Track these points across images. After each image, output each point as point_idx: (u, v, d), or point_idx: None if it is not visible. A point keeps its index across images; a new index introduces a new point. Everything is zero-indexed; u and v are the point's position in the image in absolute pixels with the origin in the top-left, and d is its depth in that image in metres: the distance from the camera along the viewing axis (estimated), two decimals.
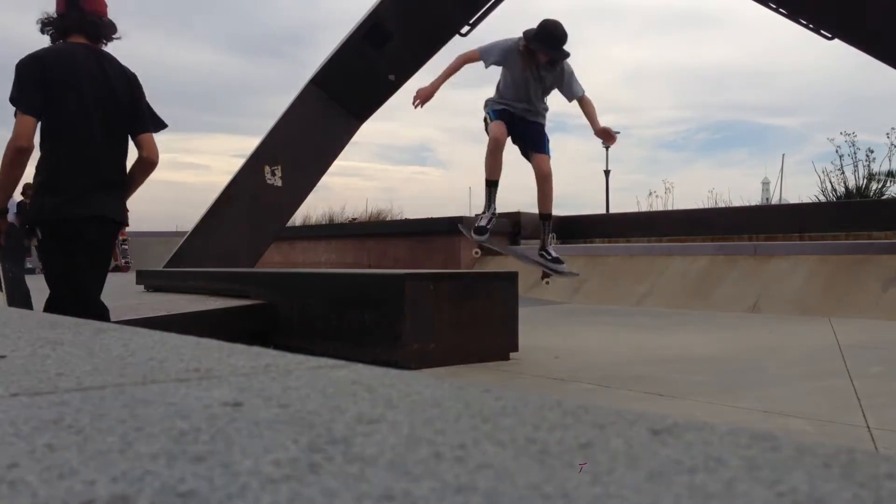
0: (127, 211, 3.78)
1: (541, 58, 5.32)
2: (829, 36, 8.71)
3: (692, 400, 3.52)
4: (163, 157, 3.75)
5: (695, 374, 4.27)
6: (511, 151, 5.59)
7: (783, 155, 31.22)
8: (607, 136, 5.88)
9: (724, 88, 62.35)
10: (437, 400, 0.93)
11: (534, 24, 5.27)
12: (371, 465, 0.67)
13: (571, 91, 5.45)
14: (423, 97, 5.51)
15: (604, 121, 5.45)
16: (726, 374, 4.31)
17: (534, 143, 5.58)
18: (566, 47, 5.35)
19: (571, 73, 5.46)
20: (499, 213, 14.85)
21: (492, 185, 5.79)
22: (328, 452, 0.71)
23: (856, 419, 3.07)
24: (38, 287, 3.91)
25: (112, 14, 3.69)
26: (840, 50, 8.76)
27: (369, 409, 0.89)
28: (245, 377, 1.11)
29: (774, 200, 21.26)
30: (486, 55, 5.50)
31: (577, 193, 45.91)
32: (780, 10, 8.70)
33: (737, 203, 16.96)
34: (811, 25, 8.79)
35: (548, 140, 5.67)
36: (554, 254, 6.01)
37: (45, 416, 0.88)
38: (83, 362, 1.24)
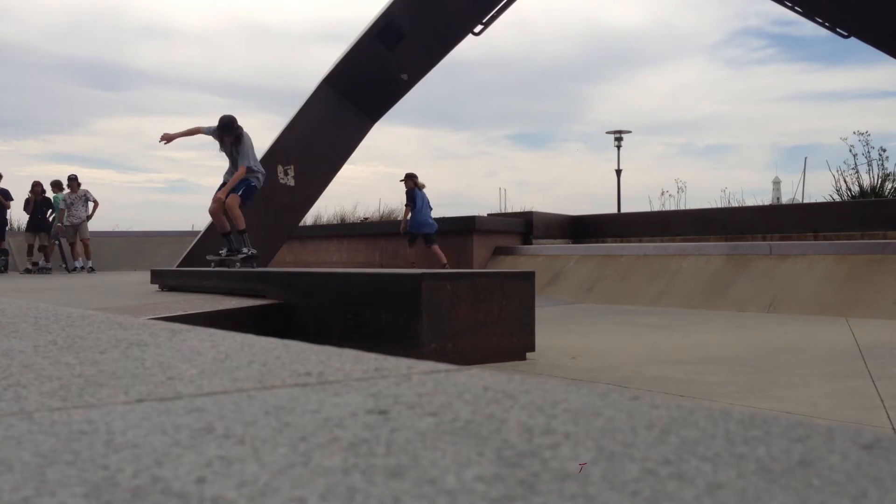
0: None
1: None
2: (846, 34, 8.66)
3: (714, 401, 3.50)
4: None
5: (714, 375, 4.24)
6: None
7: (805, 158, 31.07)
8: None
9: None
10: (593, 409, 0.89)
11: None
12: (588, 483, 0.63)
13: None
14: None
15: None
16: (745, 374, 4.27)
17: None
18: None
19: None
20: (512, 213, 14.77)
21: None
22: (527, 468, 0.68)
23: (880, 421, 3.04)
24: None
25: None
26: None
27: (528, 419, 0.85)
28: (365, 381, 1.08)
29: (796, 202, 21.10)
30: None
31: (588, 193, 45.83)
32: (796, 8, 8.65)
33: (749, 202, 16.90)
34: (827, 24, 8.75)
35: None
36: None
37: (193, 424, 0.85)
38: (185, 365, 1.22)
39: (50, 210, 15.44)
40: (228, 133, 8.11)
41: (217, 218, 8.29)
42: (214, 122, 8.32)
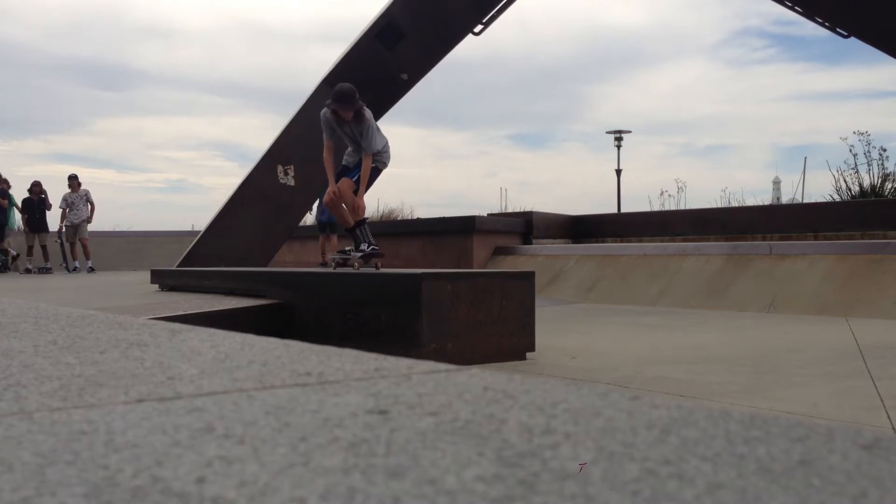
0: None
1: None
2: (846, 34, 8.66)
3: (714, 401, 3.50)
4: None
5: (713, 375, 4.24)
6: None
7: (805, 158, 31.10)
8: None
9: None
10: (593, 409, 0.89)
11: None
12: (587, 483, 0.63)
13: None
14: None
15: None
16: (745, 374, 4.27)
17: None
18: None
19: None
20: (512, 213, 14.76)
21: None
22: (527, 468, 0.68)
23: (880, 421, 3.04)
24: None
25: None
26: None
27: (528, 419, 0.85)
28: (366, 381, 1.08)
29: (796, 202, 21.11)
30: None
31: (588, 193, 45.91)
32: (796, 8, 8.66)
33: (749, 202, 16.90)
34: (827, 24, 8.75)
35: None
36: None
37: (193, 424, 0.85)
38: (185, 365, 1.22)
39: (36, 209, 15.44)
40: (347, 107, 6.24)
41: (336, 210, 6.70)
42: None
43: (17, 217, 16.16)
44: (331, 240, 13.33)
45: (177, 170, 56.02)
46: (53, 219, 15.48)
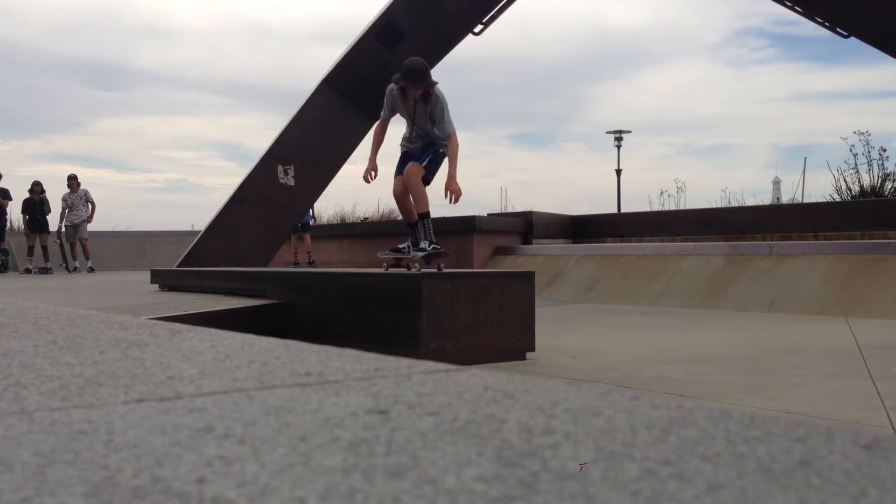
0: None
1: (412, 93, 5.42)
2: (846, 34, 8.67)
3: (714, 401, 3.49)
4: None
5: (714, 375, 4.24)
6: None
7: (805, 158, 31.06)
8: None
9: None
10: (593, 409, 0.89)
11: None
12: (587, 483, 0.63)
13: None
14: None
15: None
16: (745, 374, 4.28)
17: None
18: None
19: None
20: (512, 213, 14.76)
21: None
22: (527, 468, 0.67)
23: (880, 420, 3.04)
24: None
25: None
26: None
27: (528, 419, 0.85)
28: (366, 381, 1.08)
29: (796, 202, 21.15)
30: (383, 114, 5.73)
31: (588, 193, 45.94)
32: (796, 8, 8.66)
33: (749, 202, 16.93)
34: (827, 24, 8.75)
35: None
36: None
37: (193, 424, 0.85)
38: (185, 365, 1.22)
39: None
40: (418, 85, 5.40)
41: (402, 203, 5.84)
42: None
43: None
44: (303, 239, 13.39)
45: (177, 170, 55.96)
46: (53, 219, 15.48)
